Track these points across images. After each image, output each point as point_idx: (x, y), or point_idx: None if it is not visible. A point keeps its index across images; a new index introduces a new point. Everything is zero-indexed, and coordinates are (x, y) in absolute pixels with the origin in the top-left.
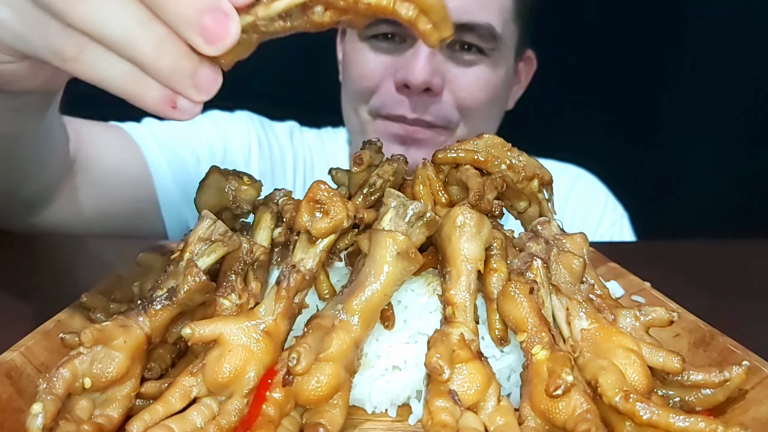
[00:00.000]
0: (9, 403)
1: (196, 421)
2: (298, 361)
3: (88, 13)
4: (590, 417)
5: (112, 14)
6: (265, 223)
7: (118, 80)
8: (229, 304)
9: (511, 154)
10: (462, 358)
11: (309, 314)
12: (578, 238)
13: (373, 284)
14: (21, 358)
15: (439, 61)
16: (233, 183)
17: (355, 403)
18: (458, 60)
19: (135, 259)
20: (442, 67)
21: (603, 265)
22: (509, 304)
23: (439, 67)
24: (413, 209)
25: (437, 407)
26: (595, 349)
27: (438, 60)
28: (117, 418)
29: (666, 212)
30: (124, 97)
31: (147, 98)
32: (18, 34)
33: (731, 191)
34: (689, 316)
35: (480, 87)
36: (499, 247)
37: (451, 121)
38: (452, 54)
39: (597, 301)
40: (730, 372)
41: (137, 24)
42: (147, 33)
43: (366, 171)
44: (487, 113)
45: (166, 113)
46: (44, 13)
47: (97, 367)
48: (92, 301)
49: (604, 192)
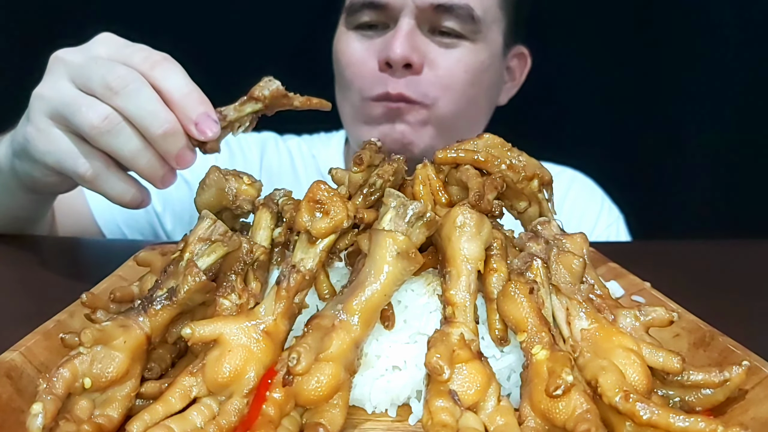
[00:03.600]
0: (9, 403)
1: (196, 421)
2: (298, 361)
3: (108, 142)
4: (590, 417)
5: (123, 143)
6: (265, 223)
7: (115, 194)
8: (229, 304)
9: (511, 154)
10: (462, 358)
11: (309, 314)
12: (578, 238)
13: (373, 284)
14: (21, 358)
15: (420, 41)
16: (233, 183)
17: (355, 403)
18: (440, 43)
19: (135, 259)
20: (422, 46)
21: (603, 265)
22: (509, 304)
23: (418, 45)
24: (413, 209)
25: (437, 407)
26: (595, 349)
27: (419, 39)
28: (117, 418)
29: (662, 214)
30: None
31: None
32: (58, 159)
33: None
34: (689, 316)
35: (461, 68)
36: (499, 247)
37: (429, 96)
38: (433, 37)
39: (597, 301)
40: (730, 372)
41: (137, 150)
42: (144, 156)
43: (366, 171)
44: (468, 94)
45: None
46: (78, 145)
47: (97, 367)
48: (92, 301)
49: (600, 194)
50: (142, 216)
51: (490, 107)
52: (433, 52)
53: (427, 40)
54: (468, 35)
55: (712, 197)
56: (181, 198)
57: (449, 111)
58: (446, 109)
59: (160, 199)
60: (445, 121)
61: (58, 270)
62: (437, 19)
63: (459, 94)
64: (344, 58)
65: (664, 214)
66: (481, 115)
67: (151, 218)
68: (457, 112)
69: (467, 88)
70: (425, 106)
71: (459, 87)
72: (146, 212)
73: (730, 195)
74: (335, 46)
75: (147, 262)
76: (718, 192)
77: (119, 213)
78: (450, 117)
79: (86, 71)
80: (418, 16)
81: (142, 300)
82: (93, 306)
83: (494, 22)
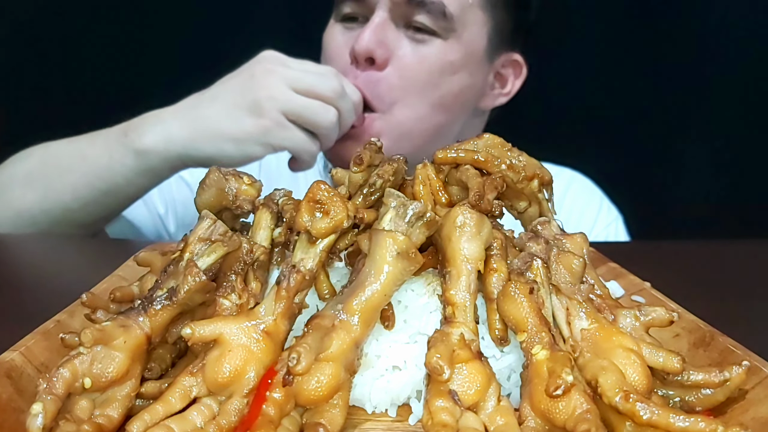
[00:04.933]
0: (9, 403)
1: (196, 421)
2: (298, 361)
3: (330, 135)
4: (590, 417)
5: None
6: (265, 223)
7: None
8: (229, 304)
9: (511, 154)
10: (462, 358)
11: (309, 314)
12: (578, 238)
13: (373, 284)
14: (21, 358)
15: (391, 35)
16: (233, 183)
17: (355, 403)
18: (411, 38)
19: (135, 259)
20: (392, 42)
21: (603, 265)
22: (509, 304)
23: (387, 40)
24: (413, 209)
25: (437, 407)
26: (595, 349)
27: (389, 35)
28: (117, 418)
29: (662, 214)
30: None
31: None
32: (294, 144)
33: (728, 193)
34: (689, 316)
35: (424, 67)
36: (499, 247)
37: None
38: (406, 32)
39: (597, 301)
40: (730, 372)
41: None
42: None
43: (366, 171)
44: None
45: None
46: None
47: (97, 367)
48: (92, 301)
49: (599, 194)
50: (147, 218)
51: (465, 111)
52: (403, 48)
53: (399, 34)
54: (440, 32)
55: (711, 197)
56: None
57: (405, 117)
58: (402, 116)
59: (162, 202)
60: (402, 128)
61: (58, 270)
62: (410, 14)
63: (418, 97)
64: (326, 51)
65: (664, 214)
66: (451, 119)
67: (155, 220)
68: (415, 118)
69: (428, 89)
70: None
71: (418, 88)
72: (150, 213)
73: (730, 195)
74: (324, 38)
75: (147, 262)
76: (717, 192)
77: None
78: (407, 123)
79: (307, 80)
80: (392, 10)
81: (142, 300)
82: (93, 306)
83: (474, 23)
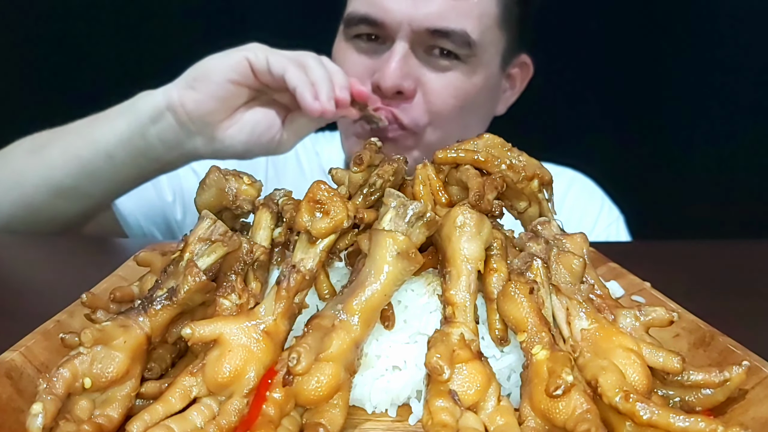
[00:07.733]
0: (9, 403)
1: (196, 421)
2: (298, 361)
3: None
4: (590, 417)
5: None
6: (265, 223)
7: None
8: (229, 304)
9: (511, 154)
10: (462, 358)
11: (309, 314)
12: (578, 238)
13: (373, 284)
14: (21, 358)
15: (414, 65)
16: (233, 183)
17: (355, 403)
18: (434, 65)
19: (135, 259)
20: (416, 71)
21: (603, 265)
22: (509, 304)
23: (412, 71)
24: (413, 209)
25: (437, 407)
26: (595, 349)
27: (412, 64)
28: (117, 418)
29: (662, 214)
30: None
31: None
32: (291, 77)
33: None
34: (689, 316)
35: (450, 93)
36: (499, 247)
37: (419, 125)
38: (428, 59)
39: (597, 301)
40: (730, 372)
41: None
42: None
43: (366, 171)
44: (457, 119)
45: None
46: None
47: (97, 367)
48: (92, 301)
49: (600, 194)
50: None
51: (483, 121)
52: (426, 76)
53: (420, 63)
54: (462, 58)
55: (712, 197)
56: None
57: (437, 138)
58: (434, 137)
59: (170, 190)
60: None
61: (58, 270)
62: (432, 41)
63: (448, 120)
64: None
65: (664, 214)
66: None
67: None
68: (445, 137)
69: (457, 113)
70: (414, 134)
71: (447, 113)
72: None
73: (730, 195)
74: (333, 55)
75: (147, 262)
76: (718, 192)
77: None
78: (437, 143)
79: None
80: (414, 39)
81: (142, 300)
82: (93, 306)
83: (491, 44)
